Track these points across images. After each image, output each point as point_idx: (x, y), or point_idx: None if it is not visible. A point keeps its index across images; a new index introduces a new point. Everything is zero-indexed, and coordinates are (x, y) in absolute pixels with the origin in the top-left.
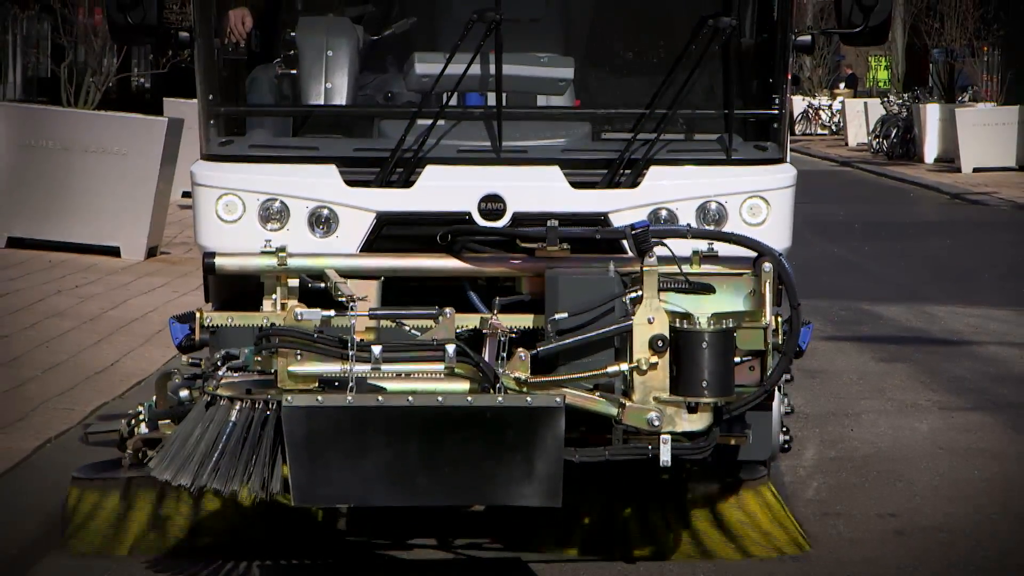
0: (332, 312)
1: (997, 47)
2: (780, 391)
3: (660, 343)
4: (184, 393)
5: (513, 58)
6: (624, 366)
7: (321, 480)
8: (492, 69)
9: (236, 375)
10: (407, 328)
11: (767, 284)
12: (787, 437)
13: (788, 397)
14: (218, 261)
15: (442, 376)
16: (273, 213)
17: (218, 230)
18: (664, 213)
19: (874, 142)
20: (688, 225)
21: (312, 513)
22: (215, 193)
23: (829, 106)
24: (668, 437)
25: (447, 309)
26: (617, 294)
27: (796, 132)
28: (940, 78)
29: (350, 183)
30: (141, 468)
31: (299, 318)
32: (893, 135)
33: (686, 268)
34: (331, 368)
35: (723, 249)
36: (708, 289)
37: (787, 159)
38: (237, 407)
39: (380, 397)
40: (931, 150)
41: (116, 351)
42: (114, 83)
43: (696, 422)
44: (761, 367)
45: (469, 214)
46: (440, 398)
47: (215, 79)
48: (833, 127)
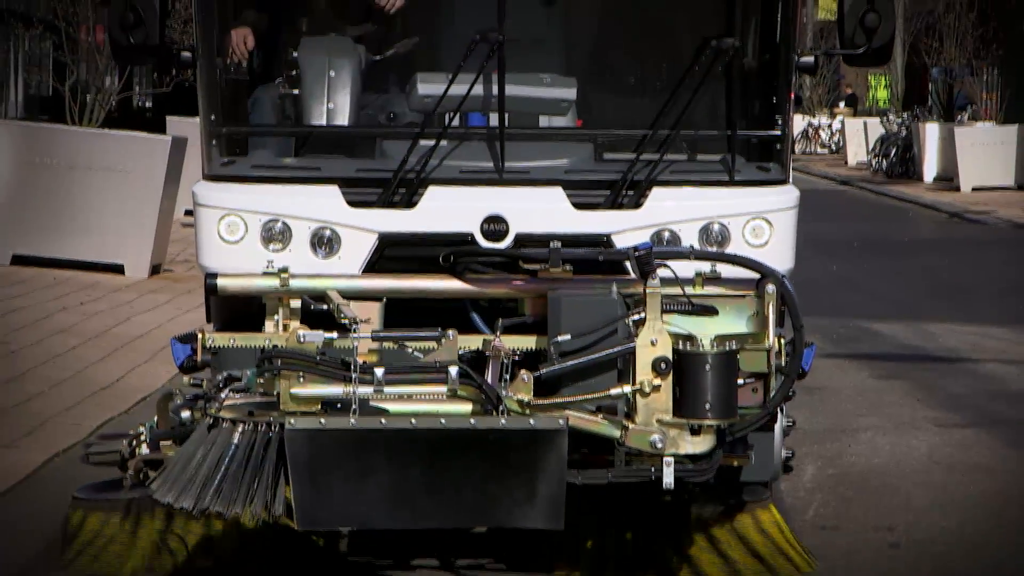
0: (334, 334)
1: (996, 66)
2: (782, 411)
3: (663, 365)
4: (185, 414)
5: (515, 78)
6: (627, 388)
7: (324, 503)
8: (494, 89)
9: (238, 397)
10: (410, 350)
11: (770, 306)
12: (788, 454)
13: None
14: (220, 282)
15: (445, 398)
16: (275, 233)
17: (220, 250)
18: (667, 234)
19: (873, 161)
20: (691, 246)
21: (314, 534)
22: (217, 213)
23: (829, 125)
24: (671, 459)
25: (449, 331)
26: (620, 316)
27: (796, 151)
28: (939, 97)
29: (352, 203)
30: (142, 489)
31: (301, 340)
32: (892, 154)
33: (689, 290)
34: (334, 390)
35: (726, 270)
36: (711, 311)
37: (790, 180)
38: (240, 429)
39: (383, 419)
40: (930, 169)
41: (121, 367)
42: (115, 102)
43: (699, 444)
44: (764, 389)
45: (471, 235)
46: (443, 420)
47: (217, 99)
48: (833, 146)
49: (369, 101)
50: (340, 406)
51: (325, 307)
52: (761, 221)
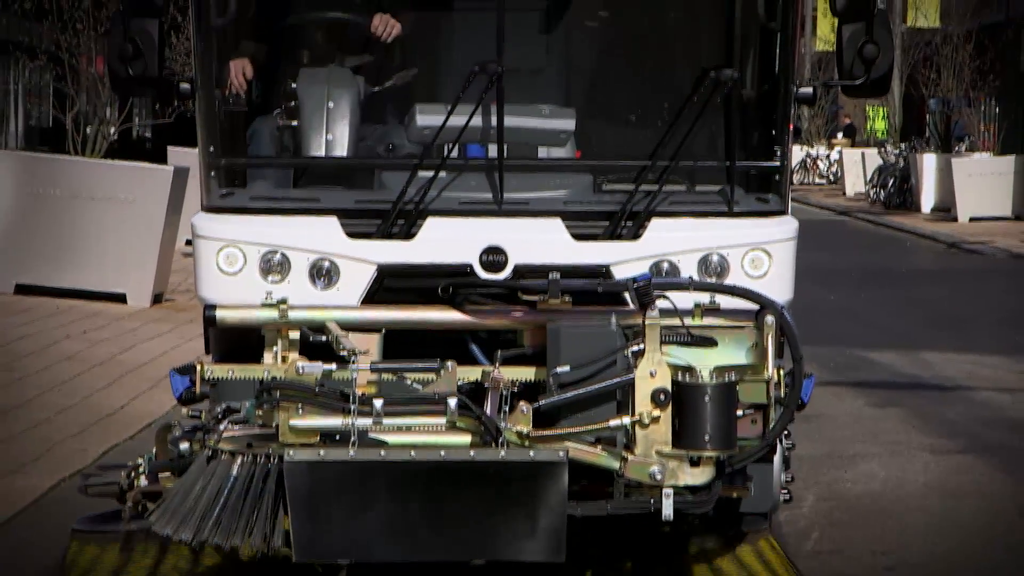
0: (333, 365)
1: (993, 97)
2: (781, 442)
3: (662, 396)
4: (184, 445)
5: (514, 109)
6: (626, 419)
7: (323, 535)
8: (493, 121)
9: (237, 428)
10: (409, 381)
11: (769, 337)
12: (789, 478)
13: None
14: (219, 313)
15: (444, 430)
16: (274, 265)
17: (219, 282)
18: (666, 265)
19: (871, 191)
20: (690, 278)
21: (312, 566)
22: (216, 245)
23: (827, 156)
24: (670, 491)
25: (448, 362)
26: (619, 347)
27: (794, 181)
28: (937, 128)
29: (351, 235)
30: (141, 521)
31: (300, 371)
32: (890, 184)
33: (688, 321)
34: (333, 422)
35: (725, 302)
36: (710, 342)
37: (788, 211)
38: (239, 461)
39: (382, 451)
40: (928, 199)
41: (126, 394)
42: (116, 133)
43: (698, 476)
44: (763, 420)
45: (470, 266)
46: (442, 452)
47: (216, 130)
48: (831, 177)
49: (368, 132)
50: (339, 438)
51: (324, 338)
52: (760, 252)
